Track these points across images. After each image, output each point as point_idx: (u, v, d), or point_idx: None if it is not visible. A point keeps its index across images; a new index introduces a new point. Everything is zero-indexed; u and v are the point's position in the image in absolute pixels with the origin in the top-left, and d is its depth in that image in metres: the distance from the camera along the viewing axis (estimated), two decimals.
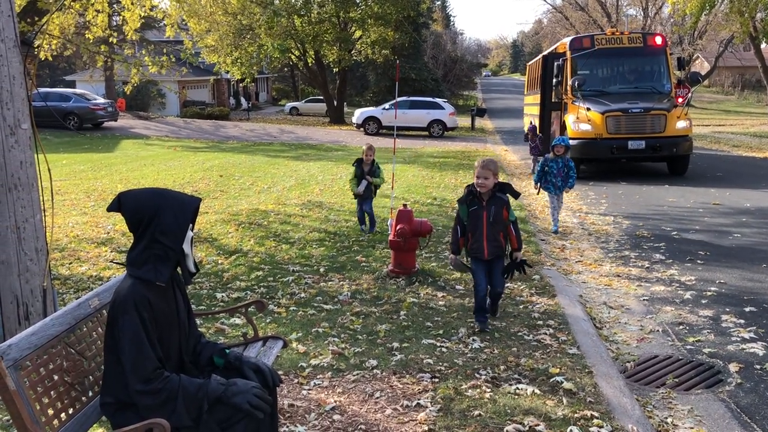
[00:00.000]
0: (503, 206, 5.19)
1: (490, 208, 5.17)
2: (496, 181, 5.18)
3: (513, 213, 5.29)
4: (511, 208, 5.26)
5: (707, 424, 3.98)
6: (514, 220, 5.28)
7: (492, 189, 5.17)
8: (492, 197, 5.18)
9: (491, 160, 5.24)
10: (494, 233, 5.20)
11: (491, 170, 5.15)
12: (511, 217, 5.25)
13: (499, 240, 5.23)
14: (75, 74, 43.74)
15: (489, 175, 5.12)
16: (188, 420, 2.66)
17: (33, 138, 4.74)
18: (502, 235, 5.24)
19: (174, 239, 2.72)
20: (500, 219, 5.19)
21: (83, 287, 6.64)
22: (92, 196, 12.48)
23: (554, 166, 9.40)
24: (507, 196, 5.23)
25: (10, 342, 2.53)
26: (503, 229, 5.24)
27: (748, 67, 58.57)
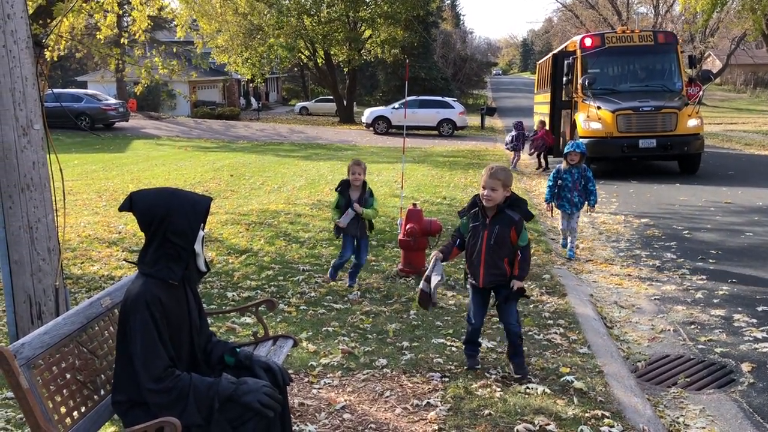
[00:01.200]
0: (511, 227, 4.21)
1: (492, 228, 4.23)
2: (506, 194, 4.24)
3: (525, 236, 4.26)
4: (523, 229, 4.25)
5: (719, 424, 3.96)
6: (525, 245, 4.28)
7: (500, 204, 4.25)
8: (498, 214, 4.25)
9: (502, 168, 4.25)
10: (495, 258, 4.26)
11: (500, 180, 4.18)
12: (522, 241, 4.25)
13: (501, 267, 4.28)
14: (86, 75, 44.01)
15: (497, 186, 4.18)
16: (199, 419, 2.67)
17: (45, 138, 4.78)
18: (506, 261, 4.28)
19: (186, 239, 2.74)
20: (505, 242, 4.23)
21: (95, 286, 6.69)
22: (104, 196, 12.55)
23: (569, 178, 7.87)
24: (519, 216, 4.25)
25: (23, 341, 2.56)
26: (509, 254, 4.27)
27: (761, 64, 58.16)
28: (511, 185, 4.28)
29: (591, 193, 7.88)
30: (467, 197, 12.02)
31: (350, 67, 38.13)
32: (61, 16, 8.29)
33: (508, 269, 4.29)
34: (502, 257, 4.27)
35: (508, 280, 4.30)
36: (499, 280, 4.32)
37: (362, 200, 6.22)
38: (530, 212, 4.32)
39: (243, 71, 35.26)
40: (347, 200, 6.24)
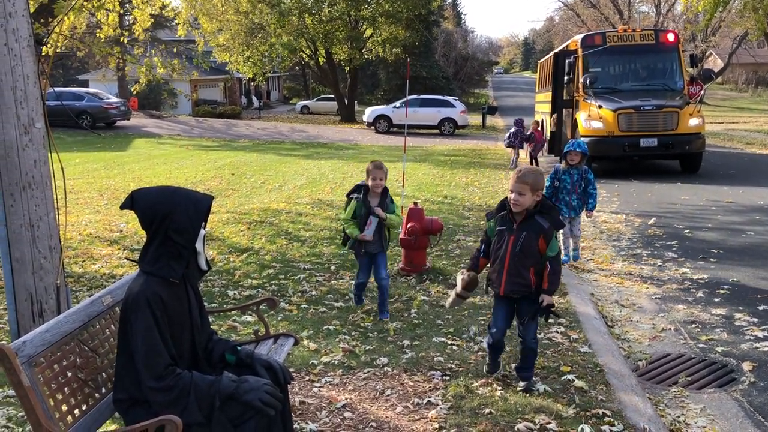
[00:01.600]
0: (539, 235, 3.95)
1: (519, 234, 3.98)
2: (536, 199, 3.97)
3: (555, 246, 4.00)
4: (553, 239, 4.00)
5: (720, 423, 3.96)
6: (555, 256, 4.00)
7: (529, 209, 3.99)
8: (526, 220, 3.99)
9: (531, 171, 4.01)
10: (519, 267, 4.00)
11: (528, 184, 3.91)
12: (551, 251, 3.98)
13: (525, 277, 4.00)
14: (88, 73, 44.01)
15: (525, 190, 3.92)
16: (200, 417, 2.68)
17: (47, 137, 4.78)
18: (533, 271, 4.00)
19: (187, 237, 2.74)
20: (532, 250, 3.97)
21: (96, 285, 6.69)
22: (105, 194, 12.56)
23: (567, 179, 7.43)
24: (549, 224, 3.99)
25: (25, 339, 2.56)
26: (535, 263, 4.00)
27: (762, 63, 58.09)
28: (543, 189, 4.01)
29: (590, 195, 7.40)
30: (468, 196, 12.03)
31: (351, 66, 38.12)
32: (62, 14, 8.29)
33: (533, 280, 3.99)
34: (528, 266, 3.98)
35: (532, 292, 4.01)
36: (522, 290, 4.02)
37: (383, 207, 5.39)
38: (561, 221, 4.10)
39: (244, 70, 35.26)
40: (368, 209, 5.35)
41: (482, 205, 11.14)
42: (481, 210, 10.73)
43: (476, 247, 4.46)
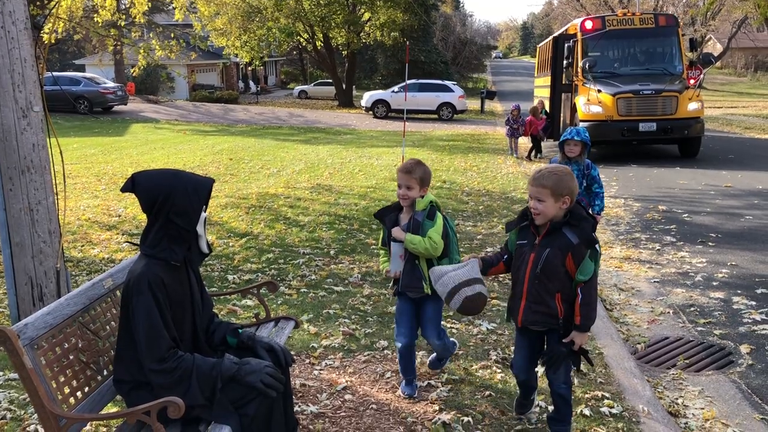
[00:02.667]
0: (567, 252, 3.10)
1: (542, 251, 3.15)
2: (562, 206, 3.12)
3: (589, 268, 3.10)
4: (587, 258, 3.09)
5: (718, 405, 3.98)
6: (588, 281, 3.10)
7: (555, 219, 3.14)
8: (552, 233, 3.14)
9: (551, 172, 3.14)
10: (540, 292, 3.17)
11: (547, 188, 3.10)
12: (582, 274, 3.10)
13: (550, 305, 3.16)
14: (84, 58, 43.81)
15: (545, 196, 3.11)
16: (202, 398, 2.69)
17: (45, 121, 4.77)
18: (559, 297, 3.15)
19: (188, 220, 2.74)
20: (556, 272, 3.12)
21: (96, 269, 6.69)
22: (103, 179, 12.54)
23: None
24: (579, 240, 3.11)
25: (27, 321, 2.56)
26: (563, 288, 3.15)
27: (762, 48, 57.90)
28: (571, 194, 3.11)
29: (596, 196, 6.01)
30: (467, 181, 12.03)
31: (349, 50, 37.93)
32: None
33: (560, 308, 3.16)
34: (552, 292, 3.15)
35: (560, 325, 3.19)
36: (545, 321, 3.21)
37: (414, 226, 3.63)
38: (592, 236, 3.12)
39: (242, 54, 35.07)
40: (390, 227, 3.75)
41: (481, 190, 11.14)
42: (480, 195, 10.74)
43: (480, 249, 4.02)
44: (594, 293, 3.15)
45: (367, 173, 13.08)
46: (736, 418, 3.82)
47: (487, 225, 8.54)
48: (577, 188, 3.17)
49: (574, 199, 3.14)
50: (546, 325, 3.23)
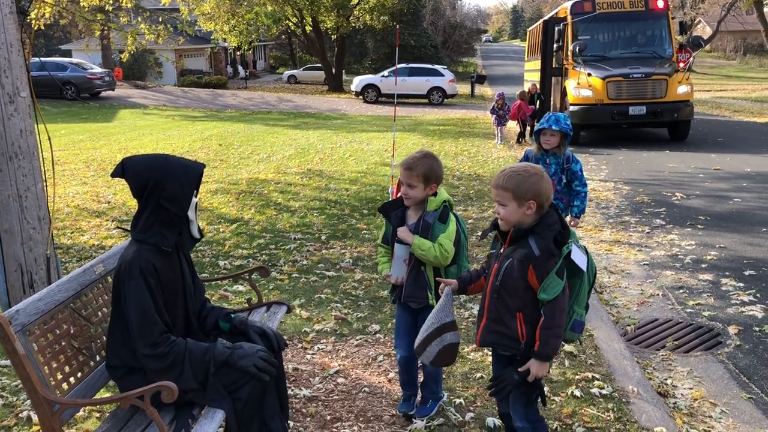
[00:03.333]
0: (528, 264, 2.66)
1: (504, 261, 2.74)
2: (527, 212, 2.68)
3: (553, 286, 2.61)
4: (552, 275, 2.61)
5: (706, 385, 4.03)
6: (552, 301, 2.62)
7: (520, 226, 2.71)
8: (515, 242, 2.73)
9: (515, 172, 2.71)
10: (500, 309, 2.75)
11: (509, 190, 2.68)
12: (546, 293, 2.62)
13: (509, 325, 2.74)
14: (71, 43, 43.35)
15: (506, 200, 2.70)
16: (195, 383, 2.70)
17: (32, 106, 4.72)
18: (521, 317, 2.72)
19: (179, 205, 2.73)
20: (515, 286, 2.69)
21: (86, 256, 6.67)
22: (92, 166, 12.45)
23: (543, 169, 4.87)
24: (545, 247, 2.64)
25: (18, 307, 2.56)
26: (524, 306, 2.70)
27: (751, 31, 57.93)
28: (538, 197, 2.66)
29: (576, 195, 5.37)
30: (458, 166, 12.03)
31: (338, 35, 37.70)
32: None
33: (521, 330, 2.71)
34: (513, 310, 2.72)
35: (521, 349, 2.73)
36: (505, 343, 2.77)
37: (423, 228, 3.24)
38: (550, 248, 2.62)
39: (230, 39, 34.79)
40: (396, 225, 3.35)
41: (471, 174, 11.15)
42: (471, 179, 10.75)
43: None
44: (559, 316, 2.63)
45: (357, 158, 13.05)
46: (723, 398, 3.87)
47: (477, 209, 8.55)
48: (547, 191, 2.68)
49: (544, 203, 2.68)
50: (506, 348, 2.79)
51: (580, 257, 2.67)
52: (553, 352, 2.67)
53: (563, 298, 2.64)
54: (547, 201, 2.70)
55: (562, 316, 2.65)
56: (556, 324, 2.64)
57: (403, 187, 3.27)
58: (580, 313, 2.77)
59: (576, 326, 2.77)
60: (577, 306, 2.76)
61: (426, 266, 3.27)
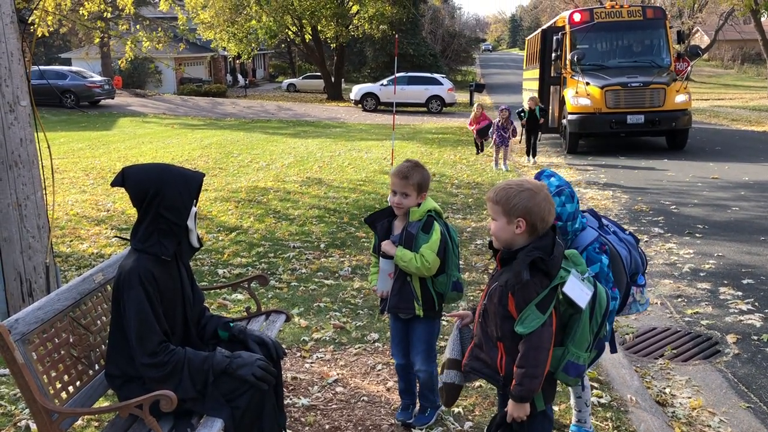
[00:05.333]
0: (508, 291, 2.42)
1: (492, 283, 2.55)
2: (518, 231, 2.45)
3: (531, 319, 2.37)
4: (531, 307, 2.37)
5: (705, 394, 4.03)
6: (528, 335, 2.37)
7: (512, 247, 2.49)
8: (503, 263, 2.52)
9: (508, 185, 2.50)
10: (483, 335, 2.56)
11: (499, 205, 2.47)
12: (521, 325, 2.38)
13: (489, 353, 2.53)
14: (70, 52, 43.42)
15: (497, 214, 2.50)
16: (194, 392, 2.70)
17: (32, 115, 4.74)
18: (501, 348, 2.49)
19: (178, 214, 2.74)
20: (494, 313, 2.48)
21: (85, 264, 6.67)
22: (91, 174, 12.47)
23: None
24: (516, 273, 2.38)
25: (17, 316, 2.56)
26: (503, 337, 2.46)
27: (748, 40, 58.12)
28: (528, 215, 2.42)
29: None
30: (457, 174, 12.05)
31: (338, 44, 37.82)
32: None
33: (501, 362, 2.49)
34: (494, 338, 2.51)
35: (500, 383, 2.53)
36: (486, 372, 2.57)
37: (407, 239, 3.23)
38: (521, 275, 2.36)
39: (230, 47, 34.89)
40: (381, 236, 3.37)
41: (470, 183, 11.17)
42: (470, 188, 10.77)
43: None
44: (534, 355, 2.36)
45: (356, 167, 13.08)
46: (722, 407, 3.87)
47: (476, 218, 8.57)
48: (541, 210, 2.42)
49: (537, 223, 2.42)
50: (488, 379, 2.59)
51: (578, 291, 2.41)
52: (527, 393, 2.39)
53: (543, 335, 2.35)
54: (541, 222, 2.42)
55: (539, 355, 2.36)
56: (530, 363, 2.36)
57: (395, 197, 3.23)
58: (576, 354, 2.46)
59: (570, 369, 2.46)
60: (573, 345, 2.46)
61: (412, 277, 3.25)
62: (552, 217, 2.48)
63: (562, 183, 2.86)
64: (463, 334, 2.80)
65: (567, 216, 2.85)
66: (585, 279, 2.47)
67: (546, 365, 2.39)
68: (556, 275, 2.40)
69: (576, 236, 2.90)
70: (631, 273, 3.04)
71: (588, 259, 2.85)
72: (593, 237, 2.91)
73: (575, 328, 2.45)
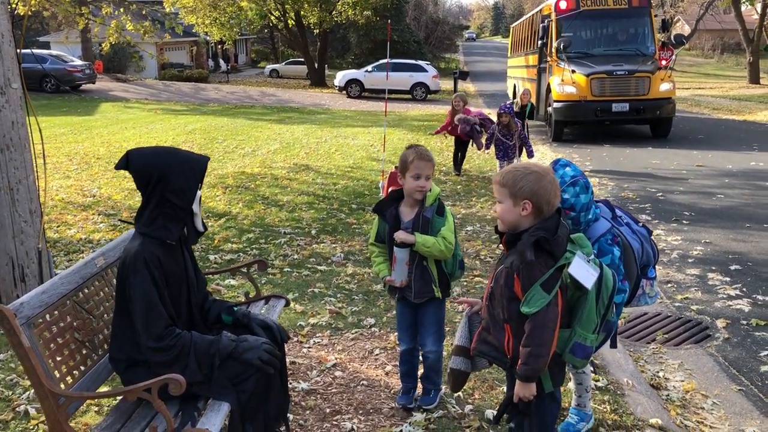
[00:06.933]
0: (514, 272, 2.44)
1: (498, 266, 2.59)
2: (525, 213, 2.47)
3: (537, 298, 2.38)
4: (535, 285, 2.39)
5: (697, 377, 4.10)
6: (534, 314, 2.38)
7: (515, 228, 2.51)
8: (509, 245, 2.54)
9: (513, 168, 2.54)
10: (491, 317, 2.58)
11: (505, 187, 2.50)
12: (527, 305, 2.39)
13: (497, 336, 2.55)
14: (49, 35, 42.67)
15: (503, 196, 2.51)
16: (200, 375, 2.69)
17: (24, 98, 4.67)
18: (508, 330, 2.50)
19: (184, 198, 2.72)
20: (500, 295, 2.50)
21: (74, 250, 6.61)
22: (74, 159, 12.31)
23: None
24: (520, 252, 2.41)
25: (22, 300, 2.54)
26: (510, 318, 2.48)
27: (728, 30, 58.65)
28: (534, 197, 2.44)
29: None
30: (444, 161, 12.06)
31: (321, 29, 37.57)
32: None
33: (508, 344, 2.52)
34: (500, 321, 2.53)
35: (507, 364, 2.56)
36: (493, 355, 2.59)
37: (423, 223, 3.25)
38: (526, 254, 2.39)
39: (212, 32, 34.50)
40: (391, 226, 3.31)
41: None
42: (458, 174, 10.78)
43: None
44: (539, 334, 2.38)
45: (344, 153, 13.05)
46: (714, 390, 3.94)
47: (465, 204, 8.60)
48: (547, 192, 2.44)
49: (543, 205, 2.44)
50: (496, 361, 2.61)
51: (583, 272, 2.43)
52: (533, 373, 2.41)
53: (547, 315, 2.37)
54: (547, 205, 2.45)
55: (544, 334, 2.38)
56: (535, 342, 2.38)
57: (419, 180, 3.24)
58: (583, 335, 2.48)
59: (576, 350, 2.49)
60: (579, 327, 2.48)
61: (429, 261, 3.28)
62: (558, 200, 2.51)
63: (577, 173, 2.87)
64: (472, 321, 2.81)
65: (581, 207, 2.86)
66: (590, 260, 2.50)
67: (551, 345, 2.41)
68: (561, 256, 2.43)
69: (589, 227, 2.92)
70: (642, 265, 3.06)
71: (600, 250, 2.87)
72: (606, 228, 2.93)
73: (582, 310, 2.48)
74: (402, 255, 3.25)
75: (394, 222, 3.30)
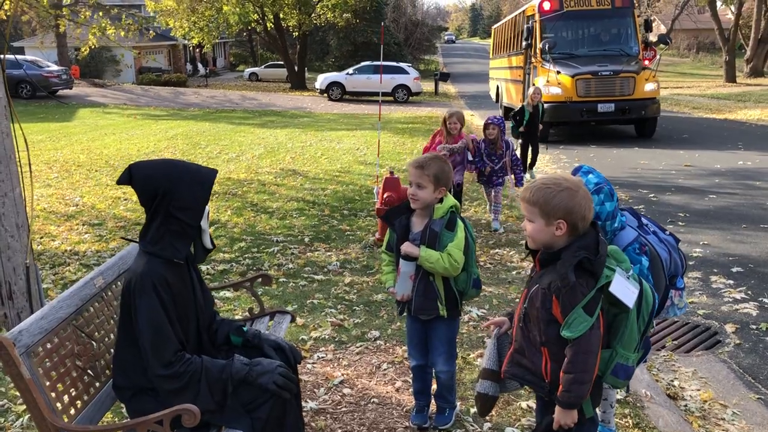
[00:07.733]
0: (552, 293, 2.28)
1: (532, 286, 2.42)
2: (559, 232, 2.30)
3: (579, 322, 2.23)
4: (577, 308, 2.23)
5: (713, 386, 4.01)
6: (576, 339, 2.23)
7: (552, 247, 2.35)
8: (544, 264, 2.38)
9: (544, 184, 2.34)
10: (525, 341, 2.43)
11: (537, 205, 2.32)
12: (568, 329, 2.24)
13: (533, 359, 2.41)
14: (23, 40, 41.90)
15: (534, 216, 2.34)
16: (212, 403, 2.53)
17: (8, 107, 4.46)
18: (547, 353, 2.36)
19: (191, 214, 2.55)
20: (537, 317, 2.35)
21: (59, 263, 6.38)
22: (54, 167, 12.01)
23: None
24: (563, 276, 2.25)
25: (21, 327, 2.36)
26: (549, 341, 2.33)
27: (703, 29, 59.39)
28: (568, 215, 2.28)
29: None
30: None
31: (300, 32, 37.33)
32: None
33: (545, 368, 2.37)
34: (536, 344, 2.38)
35: (546, 389, 2.39)
36: (528, 379, 2.45)
37: (430, 236, 3.07)
38: (569, 277, 2.23)
39: (191, 36, 34.09)
40: (400, 234, 3.19)
41: None
42: None
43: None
44: (583, 360, 2.23)
45: (330, 157, 12.88)
46: (733, 399, 3.84)
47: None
48: (582, 208, 2.30)
49: (578, 222, 2.29)
50: (531, 385, 2.46)
51: (624, 290, 2.28)
52: (577, 400, 2.27)
53: (591, 339, 2.23)
54: (582, 221, 2.29)
55: (588, 360, 2.23)
56: (579, 369, 2.24)
57: (411, 188, 3.08)
58: (625, 355, 2.34)
59: (619, 371, 2.35)
60: (621, 347, 2.34)
61: (435, 277, 3.11)
62: (591, 214, 2.35)
63: (601, 180, 2.74)
64: (501, 342, 2.63)
65: (606, 215, 2.73)
66: (630, 276, 2.36)
67: (595, 370, 2.28)
68: (602, 275, 2.27)
69: (615, 236, 2.79)
70: (670, 275, 2.94)
71: None
72: (633, 237, 2.80)
73: (622, 329, 2.33)
74: (407, 268, 3.10)
75: (402, 232, 3.15)
